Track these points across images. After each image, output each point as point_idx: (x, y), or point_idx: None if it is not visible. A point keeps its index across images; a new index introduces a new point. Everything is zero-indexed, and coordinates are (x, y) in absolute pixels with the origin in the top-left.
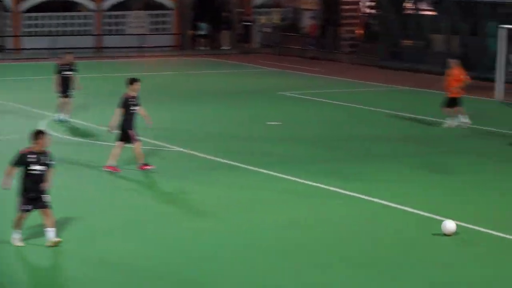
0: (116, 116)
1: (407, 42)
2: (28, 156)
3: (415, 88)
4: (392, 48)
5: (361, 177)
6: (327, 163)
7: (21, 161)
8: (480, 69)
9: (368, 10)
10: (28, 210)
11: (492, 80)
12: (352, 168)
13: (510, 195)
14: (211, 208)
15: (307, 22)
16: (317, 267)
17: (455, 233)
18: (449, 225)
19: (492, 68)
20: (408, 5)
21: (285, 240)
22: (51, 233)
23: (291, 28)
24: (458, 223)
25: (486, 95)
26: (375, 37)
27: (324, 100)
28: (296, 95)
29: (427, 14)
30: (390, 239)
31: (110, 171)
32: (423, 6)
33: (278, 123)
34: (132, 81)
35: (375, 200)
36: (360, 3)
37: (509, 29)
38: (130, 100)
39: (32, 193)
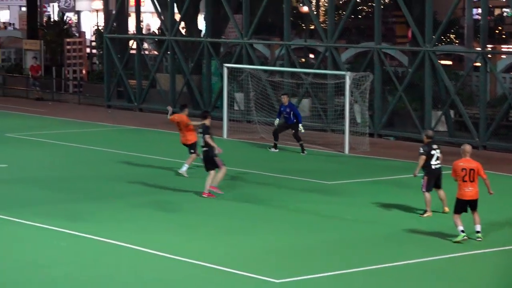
0: None
1: (131, 82)
2: None
3: (141, 127)
4: (118, 88)
5: (89, 217)
6: (54, 204)
7: None
8: (207, 107)
9: (92, 50)
10: None
11: (219, 118)
12: (80, 208)
13: (240, 234)
14: None
15: (30, 62)
16: None
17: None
18: None
19: (217, 106)
20: (132, 45)
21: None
22: None
23: (15, 69)
24: (188, 260)
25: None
26: (101, 77)
27: (50, 141)
28: (22, 137)
29: (151, 54)
30: (125, 278)
31: None
32: (147, 46)
33: (3, 165)
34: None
35: (103, 239)
36: (84, 43)
37: (231, 67)
38: None
39: None
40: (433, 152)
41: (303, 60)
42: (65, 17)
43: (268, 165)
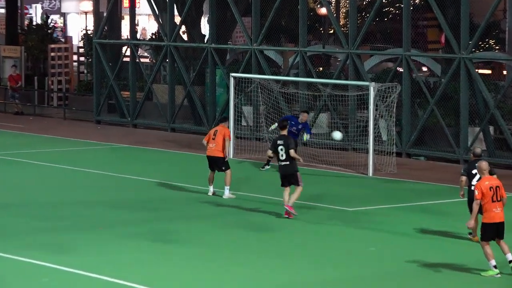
0: None
1: (125, 94)
2: None
3: (135, 146)
4: (109, 101)
5: (75, 248)
6: (35, 234)
7: None
8: (210, 123)
9: (80, 58)
10: None
11: None
12: (65, 239)
13: (249, 268)
14: None
15: (9, 71)
16: None
17: None
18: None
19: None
20: (126, 52)
21: None
22: None
23: None
24: None
25: None
26: (89, 88)
27: (30, 162)
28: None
29: (147, 62)
30: None
31: None
32: (143, 53)
33: None
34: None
35: (90, 274)
36: (70, 50)
37: (239, 77)
38: None
39: None
40: (474, 171)
41: (321, 69)
42: (49, 20)
43: (280, 189)
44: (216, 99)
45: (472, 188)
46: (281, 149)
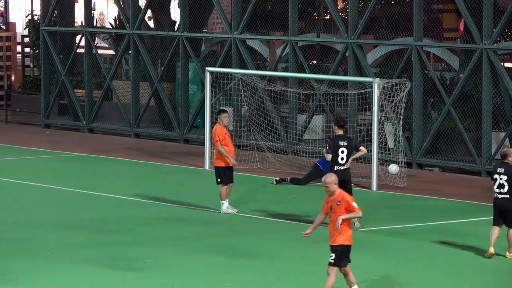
0: None
1: (79, 92)
2: None
3: (91, 154)
4: (60, 100)
5: (21, 277)
6: None
7: None
8: (182, 128)
9: (25, 49)
10: None
11: (198, 142)
12: (9, 266)
13: None
14: None
15: None
16: None
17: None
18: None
19: (196, 125)
20: (80, 41)
21: None
22: None
23: None
24: None
25: (191, 163)
26: (36, 86)
27: None
28: None
29: (105, 54)
30: None
31: None
32: (101, 43)
33: None
34: None
35: None
36: (13, 39)
37: (216, 72)
38: None
39: None
40: (495, 176)
41: (315, 62)
42: None
43: (269, 206)
44: (189, 98)
45: (496, 195)
46: (343, 151)
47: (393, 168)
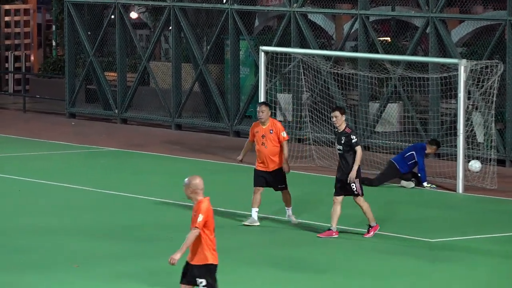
0: None
1: (110, 76)
2: None
3: (125, 149)
4: (87, 85)
5: None
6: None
7: None
8: (231, 118)
9: (47, 24)
10: None
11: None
12: (18, 280)
13: None
14: None
15: None
16: None
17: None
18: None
19: (248, 115)
20: (111, 15)
21: None
22: None
23: None
24: None
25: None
26: (59, 67)
27: None
28: None
29: (141, 30)
30: None
31: None
32: (135, 16)
33: None
34: None
35: None
36: (33, 13)
37: (273, 52)
38: None
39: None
40: None
41: (389, 40)
42: None
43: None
44: (240, 83)
45: None
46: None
47: (476, 164)
